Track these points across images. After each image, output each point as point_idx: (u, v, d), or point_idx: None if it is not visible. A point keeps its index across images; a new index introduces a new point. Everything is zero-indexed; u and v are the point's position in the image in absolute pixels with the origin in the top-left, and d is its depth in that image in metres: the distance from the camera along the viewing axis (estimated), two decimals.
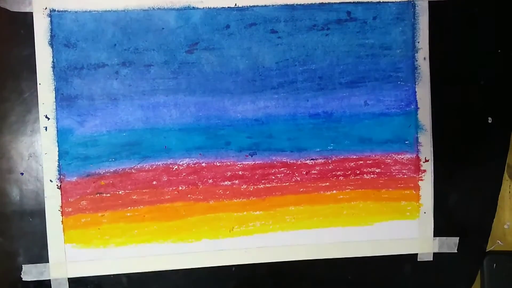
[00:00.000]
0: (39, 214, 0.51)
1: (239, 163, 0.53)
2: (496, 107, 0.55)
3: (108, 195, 0.52)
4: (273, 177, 0.53)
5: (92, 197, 0.52)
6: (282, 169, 0.53)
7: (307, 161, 0.54)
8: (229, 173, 0.53)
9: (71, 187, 0.51)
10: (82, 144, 0.51)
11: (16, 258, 0.52)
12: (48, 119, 0.51)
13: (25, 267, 0.51)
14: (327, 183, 0.54)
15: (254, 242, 0.53)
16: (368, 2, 0.53)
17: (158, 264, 0.53)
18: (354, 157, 0.54)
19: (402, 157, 0.55)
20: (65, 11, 0.51)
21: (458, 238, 0.55)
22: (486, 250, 0.56)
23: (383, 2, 0.54)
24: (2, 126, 0.51)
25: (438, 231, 0.55)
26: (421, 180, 0.55)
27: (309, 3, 0.53)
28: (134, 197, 0.52)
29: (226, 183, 0.53)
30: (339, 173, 0.54)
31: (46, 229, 0.51)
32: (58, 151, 0.51)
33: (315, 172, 0.54)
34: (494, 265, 0.55)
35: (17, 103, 0.51)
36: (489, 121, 0.55)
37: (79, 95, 0.51)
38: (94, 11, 0.51)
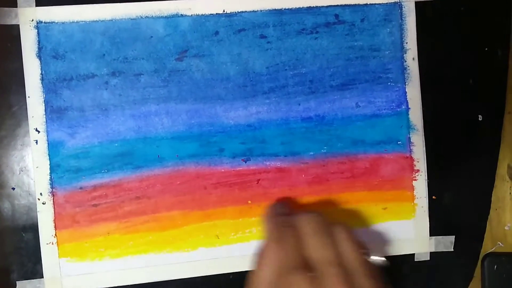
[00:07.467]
0: (32, 228, 0.51)
1: (233, 169, 0.53)
2: (485, 105, 0.56)
3: (102, 207, 0.51)
4: (268, 182, 0.53)
5: (85, 210, 0.51)
6: (276, 174, 0.53)
7: (301, 165, 0.53)
8: (223, 180, 0.53)
9: (64, 200, 0.51)
10: (73, 156, 0.51)
11: (9, 275, 0.51)
12: (39, 132, 0.50)
13: (19, 284, 0.51)
14: (321, 187, 0.54)
15: (252, 248, 0.53)
16: (355, 5, 0.54)
17: (155, 275, 0.52)
18: (347, 159, 0.54)
19: (395, 157, 0.55)
20: (52, 22, 0.50)
21: (454, 236, 0.55)
22: (487, 252, 0.56)
23: (370, 4, 0.54)
24: None
25: (433, 231, 0.55)
26: (415, 180, 0.55)
27: (297, 7, 0.53)
28: (128, 208, 0.52)
29: (220, 190, 0.53)
30: (333, 176, 0.54)
31: (40, 243, 0.50)
32: (50, 164, 0.51)
33: (309, 175, 0.54)
34: (495, 266, 0.55)
35: (6, 117, 0.50)
36: (480, 119, 0.56)
37: (69, 106, 0.51)
38: (82, 21, 0.51)
